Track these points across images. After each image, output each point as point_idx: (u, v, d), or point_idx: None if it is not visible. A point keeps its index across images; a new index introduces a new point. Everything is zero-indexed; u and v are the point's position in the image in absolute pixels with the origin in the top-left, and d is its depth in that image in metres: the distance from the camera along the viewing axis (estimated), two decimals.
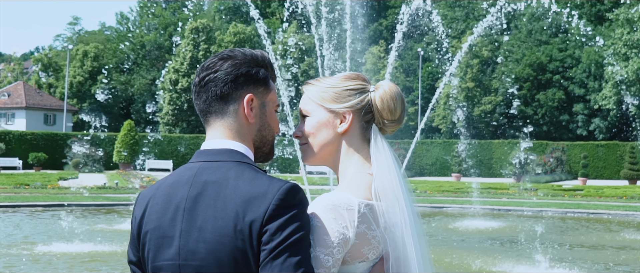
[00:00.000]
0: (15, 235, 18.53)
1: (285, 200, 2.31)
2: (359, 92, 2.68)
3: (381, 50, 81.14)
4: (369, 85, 2.71)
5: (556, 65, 72.69)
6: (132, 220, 2.55)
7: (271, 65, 2.60)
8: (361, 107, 2.66)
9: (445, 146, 61.89)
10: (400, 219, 2.52)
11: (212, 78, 2.49)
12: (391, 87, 2.70)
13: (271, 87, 2.59)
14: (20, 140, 57.68)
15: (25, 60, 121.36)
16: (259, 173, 2.41)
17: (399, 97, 2.69)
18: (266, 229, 2.28)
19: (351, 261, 2.46)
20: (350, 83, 2.69)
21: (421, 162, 61.44)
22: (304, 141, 2.69)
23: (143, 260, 2.50)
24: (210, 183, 2.40)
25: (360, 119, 2.67)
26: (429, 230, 21.36)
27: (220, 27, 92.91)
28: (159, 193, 2.50)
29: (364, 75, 2.74)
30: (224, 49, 2.66)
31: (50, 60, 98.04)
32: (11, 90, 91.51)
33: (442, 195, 34.38)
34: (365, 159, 2.64)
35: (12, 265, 14.38)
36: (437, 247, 17.70)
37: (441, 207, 28.42)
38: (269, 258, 2.26)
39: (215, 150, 2.50)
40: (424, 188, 37.28)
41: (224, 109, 2.50)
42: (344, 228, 2.41)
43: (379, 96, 2.67)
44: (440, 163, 61.34)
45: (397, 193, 2.55)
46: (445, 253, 16.57)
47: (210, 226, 2.34)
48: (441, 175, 59.33)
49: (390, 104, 2.67)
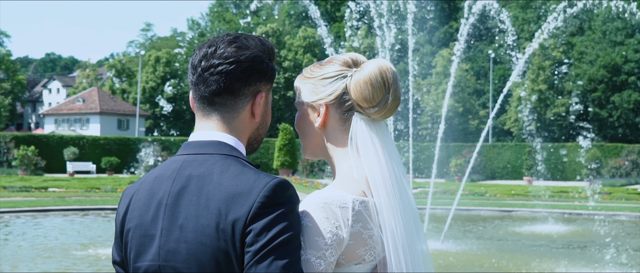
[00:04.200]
0: (77, 237, 18.76)
1: (272, 197, 2.12)
2: (335, 79, 2.43)
3: (451, 53, 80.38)
4: (349, 69, 2.43)
5: (632, 67, 71.12)
6: (116, 217, 2.37)
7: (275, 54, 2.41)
8: (335, 97, 2.41)
9: (516, 149, 60.91)
10: (387, 216, 2.29)
11: (225, 70, 2.27)
12: (371, 69, 2.40)
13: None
14: (93, 144, 58.53)
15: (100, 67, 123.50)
16: (247, 168, 2.21)
17: (377, 79, 2.38)
18: (250, 229, 2.09)
19: (346, 263, 2.25)
20: (328, 69, 2.45)
21: (492, 165, 60.55)
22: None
23: (126, 260, 2.32)
24: (194, 177, 2.21)
25: (337, 110, 2.42)
26: (495, 234, 21.02)
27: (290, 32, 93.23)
28: (142, 188, 2.31)
29: (353, 56, 2.46)
30: (232, 33, 2.40)
31: (123, 66, 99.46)
32: (86, 96, 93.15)
33: (512, 198, 33.78)
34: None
35: (73, 265, 14.54)
36: (503, 251, 17.36)
37: (510, 211, 27.88)
38: (253, 261, 2.07)
39: (201, 142, 2.30)
40: (493, 192, 36.72)
41: (230, 104, 2.30)
42: (337, 228, 2.21)
43: (354, 82, 2.40)
44: (511, 166, 60.39)
45: (388, 188, 2.31)
46: (510, 258, 16.23)
47: (191, 224, 2.16)
48: (513, 178, 58.39)
49: (365, 90, 2.38)
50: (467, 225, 23.10)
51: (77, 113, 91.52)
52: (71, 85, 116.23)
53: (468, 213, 27.09)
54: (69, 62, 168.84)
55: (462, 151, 56.12)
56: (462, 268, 14.93)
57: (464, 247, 17.76)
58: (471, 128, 76.76)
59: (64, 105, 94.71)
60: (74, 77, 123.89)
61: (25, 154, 46.48)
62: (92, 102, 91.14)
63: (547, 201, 30.35)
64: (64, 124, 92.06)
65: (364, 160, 2.36)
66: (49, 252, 16.28)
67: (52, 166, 52.31)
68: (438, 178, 47.05)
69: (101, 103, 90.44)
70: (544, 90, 73.48)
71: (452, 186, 38.34)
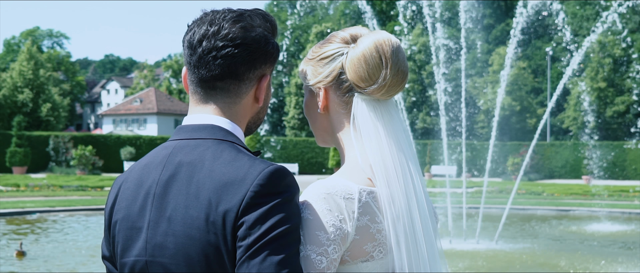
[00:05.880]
0: None
1: (267, 186, 1.90)
2: (333, 58, 2.19)
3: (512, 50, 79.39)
4: (347, 46, 2.19)
5: None
6: (105, 208, 2.16)
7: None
8: (333, 78, 2.18)
9: (575, 148, 59.88)
10: (387, 207, 2.05)
11: (230, 53, 2.04)
12: (366, 45, 2.15)
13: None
14: (150, 144, 58.88)
15: (157, 67, 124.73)
16: (241, 154, 1.99)
17: (372, 55, 2.13)
18: (242, 221, 1.87)
19: (351, 260, 2.02)
20: (326, 49, 2.22)
21: (550, 164, 59.59)
22: None
23: (114, 255, 2.12)
24: (184, 164, 2.00)
25: (337, 92, 2.19)
26: (552, 233, 20.62)
27: None
28: (131, 176, 2.10)
29: (353, 31, 2.22)
30: (233, 8, 2.16)
31: (180, 67, 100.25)
32: (143, 97, 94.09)
33: (570, 198, 33.14)
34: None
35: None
36: (560, 250, 17.00)
37: (567, 210, 27.31)
38: (245, 256, 1.85)
39: (194, 126, 2.09)
40: (551, 191, 36.10)
41: (233, 89, 2.09)
42: (341, 221, 1.98)
43: (349, 60, 2.16)
44: (570, 165, 59.38)
45: (391, 176, 2.07)
46: (566, 257, 15.88)
47: (180, 216, 1.94)
48: (571, 177, 57.41)
49: (359, 69, 2.14)
50: (523, 225, 22.68)
51: (134, 113, 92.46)
52: (129, 86, 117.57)
53: (524, 212, 26.64)
54: (127, 63, 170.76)
55: (519, 150, 55.35)
56: (516, 268, 14.62)
57: (518, 246, 17.41)
58: (529, 126, 75.66)
59: (122, 106, 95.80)
60: (131, 78, 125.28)
61: (83, 154, 47.00)
62: (149, 103, 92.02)
63: (606, 200, 29.70)
64: (122, 124, 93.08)
65: (367, 145, 2.12)
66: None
67: (110, 166, 52.80)
68: (495, 178, 46.50)
69: (158, 103, 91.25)
70: (604, 88, 72.14)
71: (508, 185, 37.77)
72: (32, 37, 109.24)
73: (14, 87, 64.93)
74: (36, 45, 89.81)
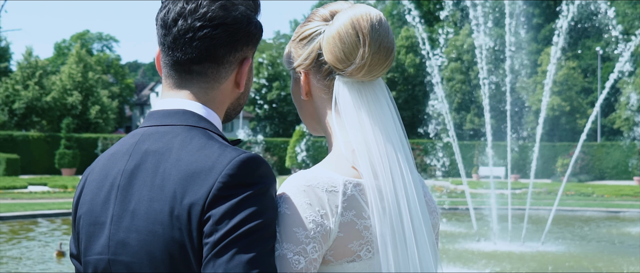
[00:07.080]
0: None
1: (238, 176, 1.68)
2: (311, 38, 1.98)
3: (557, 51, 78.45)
4: (326, 24, 1.97)
5: None
6: (72, 202, 1.96)
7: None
8: (311, 60, 1.97)
9: (626, 149, 58.84)
10: (372, 200, 1.82)
11: (208, 34, 1.83)
12: (342, 21, 1.93)
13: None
14: None
15: None
16: (212, 141, 1.79)
17: (348, 33, 1.91)
18: (209, 215, 1.66)
19: (335, 261, 1.80)
20: (305, 28, 2.01)
21: (601, 165, 58.66)
22: None
23: (79, 253, 1.92)
24: (150, 153, 1.80)
25: (317, 76, 1.98)
26: (600, 235, 20.20)
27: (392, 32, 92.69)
28: (97, 167, 1.91)
29: (334, 7, 2.00)
30: None
31: None
32: None
33: (620, 199, 32.48)
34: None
35: None
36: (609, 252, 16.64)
37: (617, 212, 26.72)
38: (211, 255, 1.64)
39: (165, 111, 1.88)
40: (601, 192, 35.44)
41: (211, 73, 1.89)
42: (323, 216, 1.77)
43: (325, 39, 1.94)
44: (621, 166, 58.39)
45: (376, 167, 1.85)
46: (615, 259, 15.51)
47: (143, 210, 1.74)
48: (622, 178, 56.41)
49: (334, 48, 1.92)
50: (570, 227, 22.25)
51: None
52: None
53: (572, 214, 26.15)
54: None
55: (569, 151, 54.52)
56: (564, 269, 14.31)
57: (565, 248, 17.07)
58: (579, 127, 74.60)
59: None
60: None
61: None
62: None
63: None
64: None
65: (351, 133, 1.90)
66: None
67: None
68: (544, 179, 45.83)
69: None
70: None
71: (556, 186, 37.17)
72: (82, 40, 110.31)
73: (64, 90, 65.50)
74: (86, 48, 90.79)
